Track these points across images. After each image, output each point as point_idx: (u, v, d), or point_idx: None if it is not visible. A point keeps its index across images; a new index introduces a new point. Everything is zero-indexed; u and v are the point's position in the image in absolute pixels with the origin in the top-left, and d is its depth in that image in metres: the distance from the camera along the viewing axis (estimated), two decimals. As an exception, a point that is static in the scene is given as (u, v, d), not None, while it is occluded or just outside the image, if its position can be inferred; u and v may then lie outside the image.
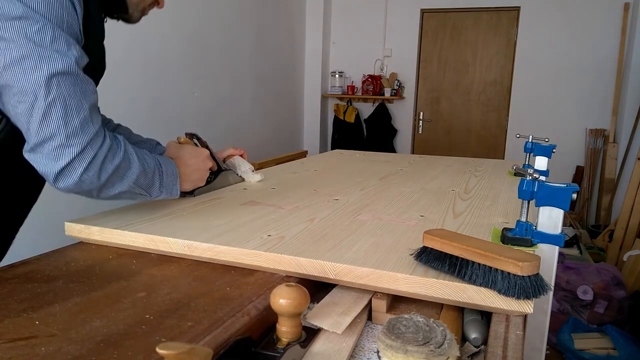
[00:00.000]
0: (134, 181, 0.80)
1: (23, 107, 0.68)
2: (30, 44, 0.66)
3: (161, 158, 0.89)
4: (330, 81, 5.22)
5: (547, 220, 0.75)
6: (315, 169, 1.54)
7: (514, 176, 1.47)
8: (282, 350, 0.53)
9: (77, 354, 0.48)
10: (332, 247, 0.73)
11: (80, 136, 0.71)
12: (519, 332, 0.56)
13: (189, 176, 0.96)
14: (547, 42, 4.50)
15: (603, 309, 2.48)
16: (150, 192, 0.85)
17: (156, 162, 0.86)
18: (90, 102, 0.73)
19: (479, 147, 4.95)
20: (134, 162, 0.80)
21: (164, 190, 0.88)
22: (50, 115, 0.68)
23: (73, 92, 0.70)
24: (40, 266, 0.72)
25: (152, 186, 0.85)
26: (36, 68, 0.67)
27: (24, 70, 0.67)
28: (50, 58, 0.67)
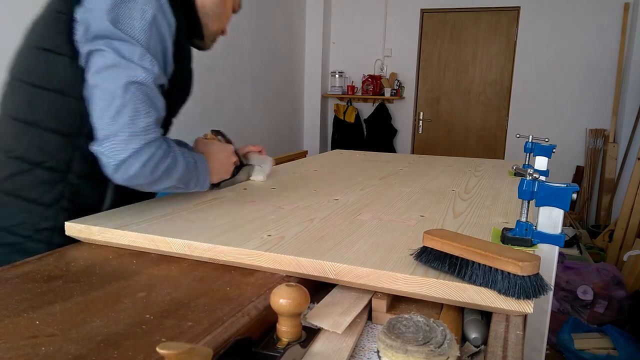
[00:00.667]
0: (178, 179, 0.91)
1: (102, 104, 0.81)
2: (121, 57, 0.81)
3: (197, 155, 0.99)
4: (330, 81, 5.22)
5: (547, 220, 0.75)
6: (315, 169, 1.54)
7: (514, 176, 1.47)
8: (282, 350, 0.53)
9: (77, 354, 0.48)
10: (332, 247, 0.73)
11: (142, 137, 0.82)
12: (519, 332, 0.56)
13: (216, 169, 1.07)
14: (547, 42, 4.50)
15: (603, 309, 2.48)
16: (188, 187, 0.96)
17: (194, 159, 0.96)
18: (157, 114, 0.86)
19: (479, 147, 4.95)
20: (179, 163, 0.90)
21: (199, 184, 0.99)
22: (121, 115, 0.80)
23: (144, 100, 0.83)
24: (40, 266, 0.72)
25: (190, 181, 0.96)
26: (120, 74, 0.81)
27: (111, 74, 0.81)
28: (134, 70, 0.82)
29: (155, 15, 0.84)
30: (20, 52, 0.92)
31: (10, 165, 0.88)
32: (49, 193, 0.87)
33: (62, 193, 0.88)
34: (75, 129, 0.87)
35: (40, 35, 0.88)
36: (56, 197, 0.88)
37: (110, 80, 0.81)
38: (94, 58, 0.82)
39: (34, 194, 0.87)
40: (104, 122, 0.81)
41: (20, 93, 0.89)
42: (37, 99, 0.86)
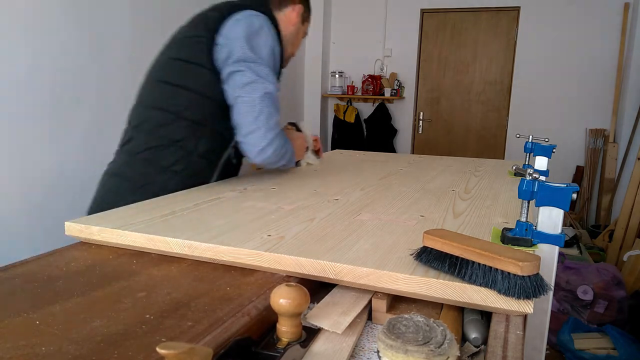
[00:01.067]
0: (288, 160, 1.29)
1: (245, 109, 1.16)
2: (258, 76, 1.16)
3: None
4: (330, 81, 5.22)
5: (547, 220, 0.75)
6: (315, 169, 1.54)
7: (514, 176, 1.47)
8: (282, 350, 0.53)
9: (77, 354, 0.48)
10: (332, 247, 0.73)
11: (273, 131, 1.18)
12: (519, 332, 0.56)
13: (297, 151, 1.40)
14: (547, 42, 4.50)
15: (603, 309, 2.48)
16: (288, 165, 1.33)
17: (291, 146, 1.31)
18: (278, 114, 1.21)
19: (479, 147, 4.95)
20: (289, 149, 1.27)
21: (292, 163, 1.34)
22: (260, 116, 1.16)
23: (273, 106, 1.18)
24: (40, 266, 0.72)
25: (291, 161, 1.32)
26: (258, 88, 1.16)
27: (251, 88, 1.15)
28: (265, 84, 1.16)
29: (273, 45, 1.21)
30: (164, 61, 1.25)
31: (153, 141, 1.19)
32: (178, 164, 1.18)
33: (186, 166, 1.19)
34: (204, 121, 1.20)
35: (184, 51, 1.21)
36: (183, 168, 1.18)
37: (251, 92, 1.15)
38: (236, 76, 1.16)
39: (167, 163, 1.18)
40: (247, 122, 1.16)
41: (161, 90, 1.21)
42: (180, 95, 1.18)
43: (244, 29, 1.16)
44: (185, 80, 1.18)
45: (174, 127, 1.18)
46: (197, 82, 1.18)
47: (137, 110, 1.26)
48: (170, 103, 1.19)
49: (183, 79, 1.18)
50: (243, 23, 1.17)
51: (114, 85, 2.67)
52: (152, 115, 1.21)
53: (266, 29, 1.20)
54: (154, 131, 1.19)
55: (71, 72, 2.43)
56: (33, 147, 2.27)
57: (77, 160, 2.49)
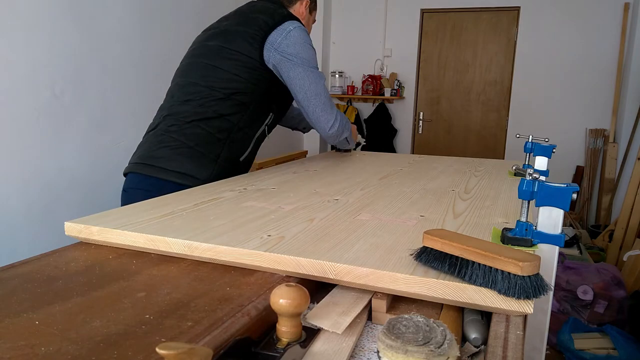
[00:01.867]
0: (348, 135, 1.63)
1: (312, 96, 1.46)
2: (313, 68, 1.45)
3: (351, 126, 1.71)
4: (330, 81, 5.22)
5: (547, 220, 0.75)
6: (315, 169, 1.54)
7: (514, 176, 1.47)
8: (282, 350, 0.53)
9: (77, 354, 0.48)
10: (332, 247, 0.73)
11: (336, 111, 1.52)
12: (519, 332, 0.56)
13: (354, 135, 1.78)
14: (547, 42, 4.50)
15: (603, 309, 2.48)
16: (349, 144, 1.76)
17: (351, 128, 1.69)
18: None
19: (479, 147, 4.95)
20: (348, 128, 1.61)
21: (352, 143, 1.77)
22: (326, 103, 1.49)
23: (327, 93, 1.50)
24: (40, 266, 0.72)
25: (350, 140, 1.71)
26: (318, 79, 1.46)
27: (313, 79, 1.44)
28: (321, 75, 1.47)
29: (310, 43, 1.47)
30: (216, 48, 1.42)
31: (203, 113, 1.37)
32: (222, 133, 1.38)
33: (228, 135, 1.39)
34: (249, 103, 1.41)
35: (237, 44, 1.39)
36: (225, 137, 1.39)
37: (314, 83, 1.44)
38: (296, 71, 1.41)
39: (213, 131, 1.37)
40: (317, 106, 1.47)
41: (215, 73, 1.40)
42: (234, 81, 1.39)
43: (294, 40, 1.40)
44: (239, 70, 1.38)
45: (224, 104, 1.37)
46: (248, 73, 1.38)
47: (184, 87, 1.43)
48: (223, 85, 1.38)
49: (237, 68, 1.38)
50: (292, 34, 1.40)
51: (114, 85, 2.67)
52: (203, 92, 1.38)
53: (305, 33, 1.44)
54: (204, 105, 1.37)
55: (71, 72, 2.43)
56: (33, 147, 2.27)
57: (77, 160, 2.49)
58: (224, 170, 1.38)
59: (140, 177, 1.35)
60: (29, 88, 2.22)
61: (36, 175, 2.29)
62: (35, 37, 2.23)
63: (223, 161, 1.37)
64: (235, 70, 1.38)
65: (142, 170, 1.34)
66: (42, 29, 2.26)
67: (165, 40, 3.04)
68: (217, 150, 1.36)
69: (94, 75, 2.55)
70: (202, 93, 1.39)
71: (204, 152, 1.34)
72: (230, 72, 1.38)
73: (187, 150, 1.34)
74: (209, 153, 1.35)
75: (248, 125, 1.43)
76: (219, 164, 1.36)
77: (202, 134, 1.35)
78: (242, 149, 1.44)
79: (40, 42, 2.26)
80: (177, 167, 1.32)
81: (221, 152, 1.37)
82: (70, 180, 2.45)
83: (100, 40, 2.57)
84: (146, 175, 1.33)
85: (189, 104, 1.39)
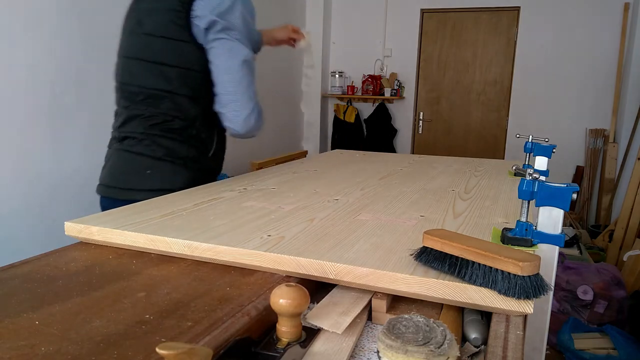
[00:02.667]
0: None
1: (225, 77, 1.19)
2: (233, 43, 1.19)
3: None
4: (330, 81, 5.22)
5: (547, 220, 0.75)
6: (315, 169, 1.54)
7: (514, 176, 1.47)
8: (282, 350, 0.53)
9: (77, 354, 0.48)
10: (332, 247, 0.73)
11: (253, 100, 1.22)
12: (519, 332, 0.56)
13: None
14: (547, 42, 4.50)
15: (603, 309, 2.48)
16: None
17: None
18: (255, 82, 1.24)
19: (479, 147, 4.95)
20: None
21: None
22: (240, 85, 1.20)
23: (250, 74, 1.22)
24: (40, 266, 0.72)
25: None
26: (236, 55, 1.19)
27: (230, 56, 1.18)
28: (243, 51, 1.20)
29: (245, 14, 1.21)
30: (139, 38, 1.23)
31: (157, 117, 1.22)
32: (182, 135, 1.24)
33: (190, 135, 1.25)
34: (198, 93, 1.23)
35: (162, 27, 1.18)
36: (186, 138, 1.24)
37: (229, 60, 1.17)
38: (215, 45, 1.17)
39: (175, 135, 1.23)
40: (228, 90, 1.19)
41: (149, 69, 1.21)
42: (169, 72, 1.19)
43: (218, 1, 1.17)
44: (173, 58, 1.19)
45: (171, 103, 1.21)
46: (184, 59, 1.19)
47: (127, 90, 1.26)
48: (160, 82, 1.20)
49: (170, 56, 1.19)
50: None
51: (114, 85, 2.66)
52: (146, 93, 1.22)
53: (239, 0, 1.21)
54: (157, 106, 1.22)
55: (71, 72, 2.43)
56: (33, 147, 2.27)
57: (77, 160, 2.49)
58: (198, 171, 1.28)
59: (114, 202, 1.19)
60: (29, 88, 2.22)
61: (36, 175, 2.29)
62: (35, 37, 2.23)
63: (192, 162, 1.26)
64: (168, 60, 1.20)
65: (114, 195, 1.23)
66: (42, 29, 2.26)
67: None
68: (181, 153, 1.24)
69: (94, 75, 2.54)
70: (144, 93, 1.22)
71: (170, 160, 1.22)
72: (164, 64, 1.20)
73: (152, 162, 1.22)
74: (175, 160, 1.23)
75: (205, 117, 1.28)
76: (190, 167, 1.25)
77: (162, 141, 1.22)
78: (208, 144, 1.30)
79: (40, 42, 2.26)
80: (149, 184, 1.21)
81: (187, 155, 1.25)
82: (70, 180, 2.45)
83: (101, 40, 2.57)
84: (121, 200, 1.17)
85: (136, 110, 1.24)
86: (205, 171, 1.32)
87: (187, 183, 1.23)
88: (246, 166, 3.74)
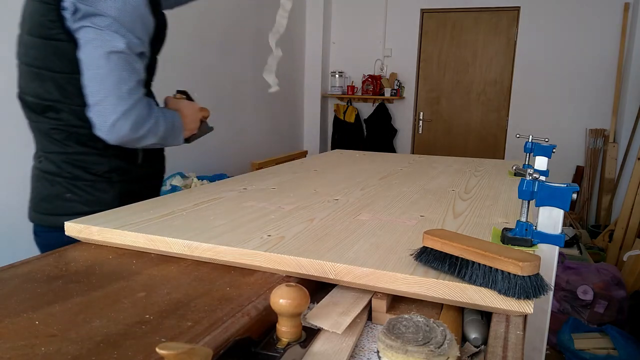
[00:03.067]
0: (161, 136, 1.04)
1: (89, 73, 0.94)
2: (99, 31, 0.92)
3: (173, 113, 1.10)
4: (330, 81, 5.22)
5: (547, 220, 0.75)
6: (315, 169, 1.54)
7: (514, 176, 1.47)
8: (282, 351, 0.53)
9: (76, 354, 0.48)
10: (332, 247, 0.73)
11: (126, 100, 0.95)
12: (519, 332, 0.56)
13: (187, 125, 1.16)
14: (547, 42, 4.50)
15: (603, 309, 2.48)
16: (166, 142, 1.09)
17: (172, 117, 1.08)
18: (137, 76, 0.98)
19: (479, 147, 4.95)
20: (161, 122, 1.03)
21: (176, 139, 1.11)
22: (106, 82, 0.93)
23: (123, 68, 0.94)
24: (40, 266, 0.72)
25: (168, 137, 1.07)
26: (100, 46, 0.92)
27: (93, 47, 0.93)
28: (112, 41, 0.93)
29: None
30: (23, 39, 1.05)
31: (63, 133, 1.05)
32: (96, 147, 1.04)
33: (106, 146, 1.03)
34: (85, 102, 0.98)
35: (38, 26, 0.99)
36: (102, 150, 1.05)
37: (92, 51, 0.93)
38: (79, 35, 0.94)
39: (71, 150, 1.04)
40: (92, 90, 0.94)
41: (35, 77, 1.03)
42: (60, 80, 1.00)
43: None
44: (57, 64, 0.98)
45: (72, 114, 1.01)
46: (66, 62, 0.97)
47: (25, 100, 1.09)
48: (51, 90, 1.01)
49: (54, 61, 0.99)
50: None
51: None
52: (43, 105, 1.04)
53: None
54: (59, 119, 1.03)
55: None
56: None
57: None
58: (131, 183, 1.11)
59: (44, 229, 1.09)
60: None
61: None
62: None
63: (119, 175, 1.08)
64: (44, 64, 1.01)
65: (42, 222, 1.09)
66: None
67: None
68: (101, 168, 1.06)
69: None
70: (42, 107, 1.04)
71: (90, 179, 1.05)
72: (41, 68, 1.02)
73: (70, 184, 1.05)
74: (95, 177, 1.06)
75: None
76: (116, 181, 1.08)
77: (76, 158, 1.05)
78: (131, 150, 1.09)
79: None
80: (73, 209, 1.04)
81: (109, 168, 1.06)
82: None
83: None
84: (48, 226, 1.07)
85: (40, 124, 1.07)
86: (140, 180, 1.14)
87: (120, 199, 1.07)
88: (246, 166, 3.74)
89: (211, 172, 3.42)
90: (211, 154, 3.54)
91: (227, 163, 3.73)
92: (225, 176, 3.23)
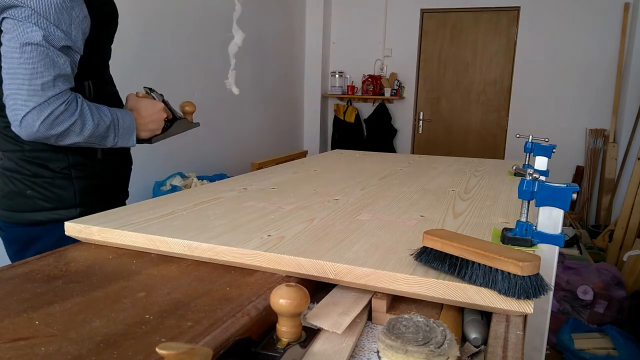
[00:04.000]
0: (88, 136, 0.98)
1: (4, 66, 0.90)
2: (17, 22, 0.89)
3: (120, 112, 1.05)
4: (330, 81, 5.22)
5: (547, 220, 0.75)
6: (315, 169, 1.54)
7: (514, 176, 1.47)
8: (282, 350, 0.53)
9: (76, 354, 0.48)
10: (332, 247, 0.73)
11: (40, 95, 0.90)
12: (519, 332, 0.56)
13: (145, 126, 1.11)
14: (547, 42, 4.50)
15: (603, 309, 2.48)
16: (103, 143, 1.03)
17: (114, 117, 1.03)
18: (58, 71, 0.92)
19: (479, 147, 4.95)
20: (88, 121, 0.97)
21: (120, 140, 1.05)
22: (17, 75, 0.89)
23: (38, 60, 0.90)
24: (40, 266, 0.72)
25: (106, 138, 1.02)
26: (14, 37, 0.89)
27: (8, 38, 0.90)
28: (28, 33, 0.89)
29: None
30: None
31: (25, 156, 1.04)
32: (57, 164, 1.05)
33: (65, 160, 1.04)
34: None
35: None
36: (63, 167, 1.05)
37: (7, 43, 0.90)
38: (2, 27, 0.92)
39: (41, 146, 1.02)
40: (5, 83, 0.91)
41: None
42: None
43: None
44: None
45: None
46: None
47: None
48: None
49: None
50: None
51: (114, 85, 2.66)
52: None
53: None
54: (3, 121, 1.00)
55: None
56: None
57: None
58: (92, 178, 1.10)
59: (8, 224, 1.09)
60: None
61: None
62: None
63: (77, 171, 1.07)
64: None
65: (5, 218, 1.09)
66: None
67: (165, 41, 3.04)
68: (59, 164, 1.05)
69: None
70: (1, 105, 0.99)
71: (48, 176, 1.04)
72: None
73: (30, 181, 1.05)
74: (54, 173, 1.05)
75: None
76: (76, 177, 1.07)
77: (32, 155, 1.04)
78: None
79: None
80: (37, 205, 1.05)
81: (67, 164, 1.05)
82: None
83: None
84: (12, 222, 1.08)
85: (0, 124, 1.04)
86: (102, 175, 1.12)
87: (82, 194, 1.07)
88: (246, 166, 3.74)
89: (211, 172, 3.43)
90: (211, 154, 3.55)
91: (227, 163, 3.73)
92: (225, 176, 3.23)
